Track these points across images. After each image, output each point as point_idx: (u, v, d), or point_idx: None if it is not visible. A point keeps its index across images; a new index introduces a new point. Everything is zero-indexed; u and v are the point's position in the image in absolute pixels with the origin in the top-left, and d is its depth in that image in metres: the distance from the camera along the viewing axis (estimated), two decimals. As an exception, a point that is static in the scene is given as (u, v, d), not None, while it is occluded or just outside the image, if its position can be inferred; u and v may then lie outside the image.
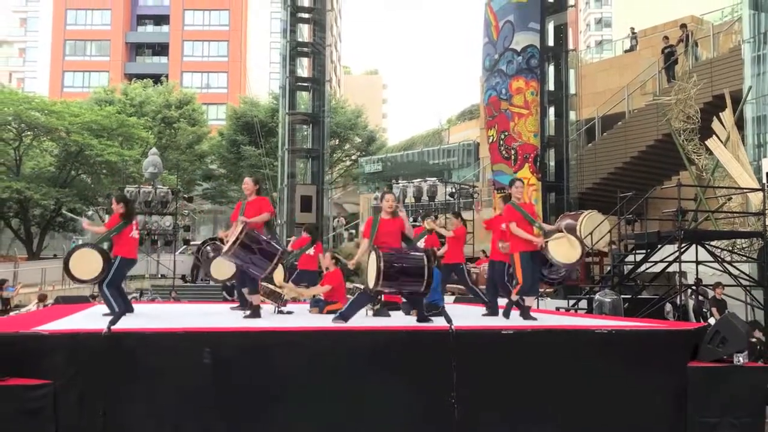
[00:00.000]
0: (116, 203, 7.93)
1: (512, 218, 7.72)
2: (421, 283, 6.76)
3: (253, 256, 7.30)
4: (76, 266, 7.61)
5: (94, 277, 7.63)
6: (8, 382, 5.01)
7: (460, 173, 32.64)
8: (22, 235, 35.03)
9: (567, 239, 7.64)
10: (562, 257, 7.56)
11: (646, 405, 6.03)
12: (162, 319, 7.02)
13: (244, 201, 7.93)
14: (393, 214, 7.31)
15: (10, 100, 32.57)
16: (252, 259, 7.32)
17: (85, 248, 7.80)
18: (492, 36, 19.30)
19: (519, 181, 8.12)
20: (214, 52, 62.18)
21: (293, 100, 25.19)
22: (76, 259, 7.61)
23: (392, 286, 6.81)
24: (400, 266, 6.73)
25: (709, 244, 13.24)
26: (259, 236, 7.36)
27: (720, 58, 18.84)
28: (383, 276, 6.56)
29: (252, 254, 7.29)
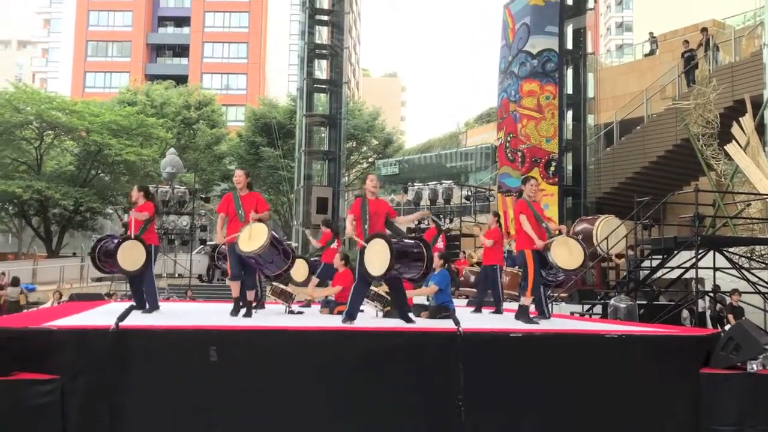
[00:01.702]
0: (137, 192, 8.05)
1: (523, 211, 7.65)
2: (420, 269, 6.79)
3: (276, 255, 7.28)
4: (124, 258, 7.56)
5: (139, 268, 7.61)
6: (17, 377, 5.05)
7: (477, 176, 32.53)
8: (42, 234, 35.45)
9: (567, 245, 7.53)
10: (564, 263, 7.45)
11: (657, 411, 5.95)
12: (173, 316, 7.03)
13: (236, 193, 7.70)
14: (376, 196, 7.34)
15: (32, 99, 33.02)
16: (274, 258, 7.29)
17: (131, 241, 7.66)
18: (509, 38, 19.25)
19: (533, 179, 8.06)
20: (234, 54, 62.59)
21: (311, 102, 25.26)
22: (124, 251, 7.57)
23: (399, 269, 6.79)
24: (404, 251, 6.74)
25: (726, 250, 13.07)
26: (278, 235, 7.42)
27: (741, 62, 18.61)
28: (396, 257, 6.54)
29: (276, 253, 7.27)
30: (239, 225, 7.36)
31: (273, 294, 8.81)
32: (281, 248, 7.33)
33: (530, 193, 7.80)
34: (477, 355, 5.73)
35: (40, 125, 33.57)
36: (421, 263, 6.87)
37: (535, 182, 8.00)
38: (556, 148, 18.81)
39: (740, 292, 13.14)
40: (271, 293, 8.89)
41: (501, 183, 19.93)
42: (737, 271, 12.96)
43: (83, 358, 5.18)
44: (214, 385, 5.35)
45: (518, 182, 18.69)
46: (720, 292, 13.74)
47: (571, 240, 7.75)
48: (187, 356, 5.37)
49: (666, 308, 13.00)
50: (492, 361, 5.79)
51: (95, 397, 5.14)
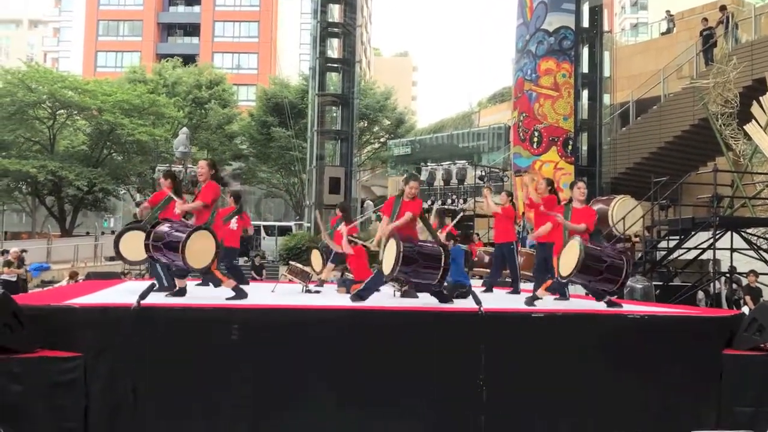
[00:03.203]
0: (164, 179, 7.66)
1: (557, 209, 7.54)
2: (436, 276, 6.56)
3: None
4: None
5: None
6: (40, 354, 5.07)
7: (490, 156, 32.32)
8: (56, 213, 35.66)
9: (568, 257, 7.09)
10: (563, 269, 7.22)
11: (680, 392, 5.91)
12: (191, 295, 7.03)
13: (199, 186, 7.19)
14: (413, 198, 7.16)
15: (44, 79, 33.06)
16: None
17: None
18: (526, 17, 18.98)
19: (581, 182, 7.78)
20: (245, 33, 62.27)
21: (323, 82, 25.11)
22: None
23: (408, 274, 6.62)
24: (418, 254, 6.54)
25: (744, 231, 12.96)
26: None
27: (761, 40, 18.32)
28: (401, 262, 6.40)
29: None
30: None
31: (290, 273, 8.81)
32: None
33: (580, 198, 7.48)
34: (498, 335, 5.70)
35: (52, 104, 33.65)
36: (436, 272, 6.59)
37: (582, 185, 7.62)
38: (573, 126, 18.63)
39: (757, 273, 13.04)
40: (288, 272, 8.88)
41: (513, 163, 19.80)
42: (755, 251, 12.86)
43: (106, 335, 5.20)
44: (235, 361, 5.36)
45: (528, 162, 18.67)
46: (737, 273, 13.64)
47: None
48: (209, 334, 5.38)
49: (681, 289, 12.95)
50: (513, 341, 5.76)
51: (118, 374, 5.16)
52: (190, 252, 6.19)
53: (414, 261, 6.50)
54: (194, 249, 6.23)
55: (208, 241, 6.43)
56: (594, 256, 6.63)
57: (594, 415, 5.63)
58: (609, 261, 6.66)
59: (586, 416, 5.64)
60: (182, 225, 6.55)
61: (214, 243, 6.50)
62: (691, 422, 5.41)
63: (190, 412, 5.25)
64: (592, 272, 6.62)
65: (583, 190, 7.53)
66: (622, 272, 6.64)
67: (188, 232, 6.25)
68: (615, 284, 6.70)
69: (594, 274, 6.65)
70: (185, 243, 6.16)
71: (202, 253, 6.35)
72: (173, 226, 6.48)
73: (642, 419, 5.67)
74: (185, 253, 6.15)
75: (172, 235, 6.33)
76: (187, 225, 6.57)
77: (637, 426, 4.88)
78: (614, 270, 6.63)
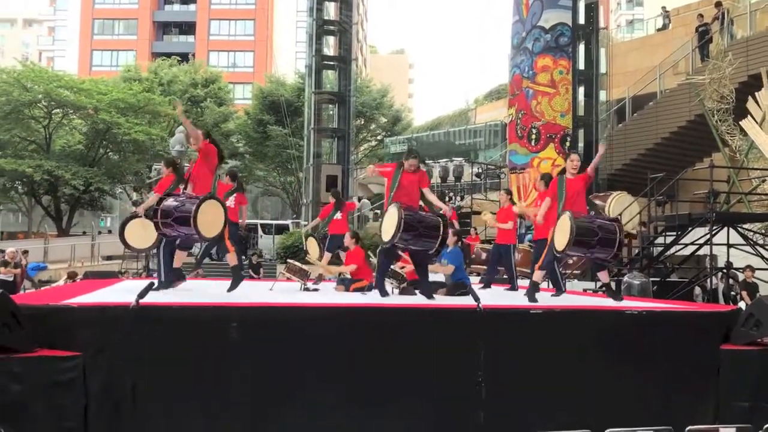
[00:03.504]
0: (165, 167, 7.76)
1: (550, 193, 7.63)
2: (435, 244, 6.80)
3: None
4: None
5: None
6: (39, 353, 5.07)
7: (486, 154, 32.37)
8: (52, 213, 35.57)
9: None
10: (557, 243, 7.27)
11: (677, 387, 5.93)
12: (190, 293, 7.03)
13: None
14: (415, 171, 7.30)
15: (39, 78, 32.95)
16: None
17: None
18: (522, 14, 18.99)
19: (575, 155, 7.92)
20: (241, 31, 62.15)
21: (319, 79, 25.09)
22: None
23: (408, 241, 6.79)
24: (418, 222, 6.76)
25: (741, 226, 13.00)
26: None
27: (756, 36, 18.36)
28: (402, 228, 6.56)
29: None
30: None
31: (289, 271, 8.81)
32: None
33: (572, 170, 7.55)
34: (497, 332, 5.72)
35: (48, 104, 33.53)
36: (434, 240, 6.86)
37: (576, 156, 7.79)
38: (570, 122, 18.65)
39: (754, 269, 13.09)
40: (287, 271, 8.89)
41: (509, 160, 19.83)
42: (752, 247, 12.90)
43: (105, 334, 5.19)
44: (234, 360, 5.36)
45: (525, 159, 18.69)
46: (733, 268, 13.68)
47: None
48: (208, 333, 5.37)
49: (678, 285, 12.99)
50: (512, 338, 5.78)
51: (117, 373, 5.15)
52: (201, 222, 6.26)
53: (414, 228, 6.70)
54: (205, 219, 6.31)
55: (217, 209, 6.53)
56: (585, 228, 6.87)
57: (592, 411, 5.64)
58: (601, 233, 6.90)
59: (584, 411, 5.65)
60: (188, 198, 6.59)
61: (223, 211, 6.59)
62: (689, 417, 5.42)
63: (189, 411, 5.25)
64: (585, 245, 6.88)
65: (576, 162, 7.67)
66: (616, 240, 6.89)
67: (197, 203, 6.29)
68: (610, 252, 6.95)
69: (588, 246, 6.91)
70: (196, 214, 6.21)
71: (213, 222, 6.44)
72: (179, 200, 6.54)
73: (640, 414, 5.68)
74: (198, 224, 6.20)
75: (180, 209, 6.39)
76: (193, 197, 6.60)
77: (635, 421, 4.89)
78: (607, 240, 6.89)
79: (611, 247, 6.91)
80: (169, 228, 6.50)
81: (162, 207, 6.49)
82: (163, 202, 6.55)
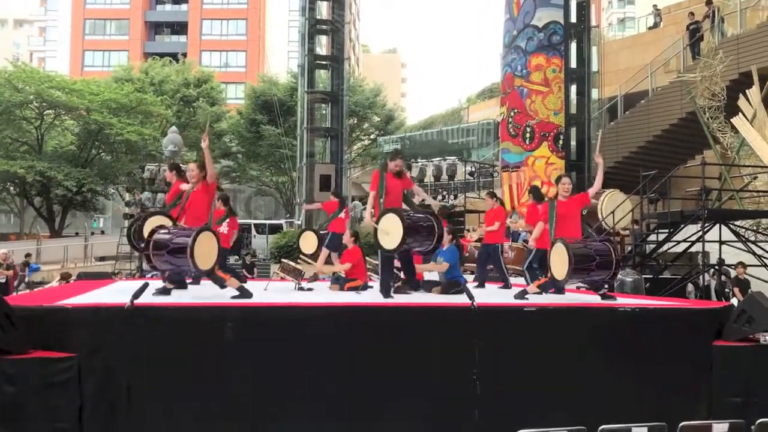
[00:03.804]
0: (170, 172, 7.64)
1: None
2: (431, 242, 6.99)
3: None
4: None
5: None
6: (34, 354, 5.06)
7: (479, 152, 32.42)
8: (45, 214, 35.43)
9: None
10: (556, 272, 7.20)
11: (670, 383, 5.97)
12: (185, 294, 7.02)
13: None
14: (398, 174, 7.36)
15: (31, 79, 32.80)
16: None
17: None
18: (512, 12, 19.01)
19: (567, 178, 7.83)
20: (233, 31, 62.03)
21: (312, 79, 25.01)
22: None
23: (410, 244, 6.93)
24: (416, 227, 6.89)
25: (733, 223, 13.06)
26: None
27: (747, 34, 18.43)
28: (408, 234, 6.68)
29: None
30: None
31: (283, 271, 8.81)
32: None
33: (564, 193, 7.57)
34: (491, 330, 5.74)
35: (40, 104, 33.40)
36: (432, 237, 7.03)
37: (567, 180, 7.72)
38: (563, 121, 18.70)
39: (745, 265, 13.15)
40: (281, 270, 8.89)
41: (502, 159, 19.85)
42: (743, 244, 12.96)
43: (99, 335, 5.20)
44: (229, 359, 5.37)
45: (518, 158, 18.72)
46: (725, 265, 13.75)
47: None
48: (202, 333, 5.39)
49: (671, 282, 13.04)
50: (506, 335, 5.81)
51: (111, 374, 5.16)
52: (197, 254, 6.17)
53: (417, 231, 6.87)
54: (200, 251, 6.24)
55: (211, 242, 6.47)
56: (583, 255, 6.88)
57: (586, 407, 5.67)
58: (598, 258, 6.92)
59: (578, 408, 5.68)
60: (181, 230, 6.55)
61: (217, 244, 6.54)
62: (682, 413, 5.45)
63: (184, 411, 5.27)
64: (584, 270, 6.89)
65: (567, 186, 7.64)
66: (612, 262, 7.00)
67: (193, 235, 6.23)
68: (608, 274, 7.02)
69: (587, 271, 6.92)
70: (193, 246, 6.14)
71: (207, 255, 6.37)
72: (173, 232, 6.47)
73: (633, 410, 5.71)
74: (194, 256, 6.13)
75: (175, 241, 6.30)
76: (186, 229, 6.56)
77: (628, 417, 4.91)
78: (605, 263, 6.93)
79: (608, 269, 7.00)
80: (159, 259, 6.37)
81: (155, 238, 6.39)
82: (155, 234, 6.46)
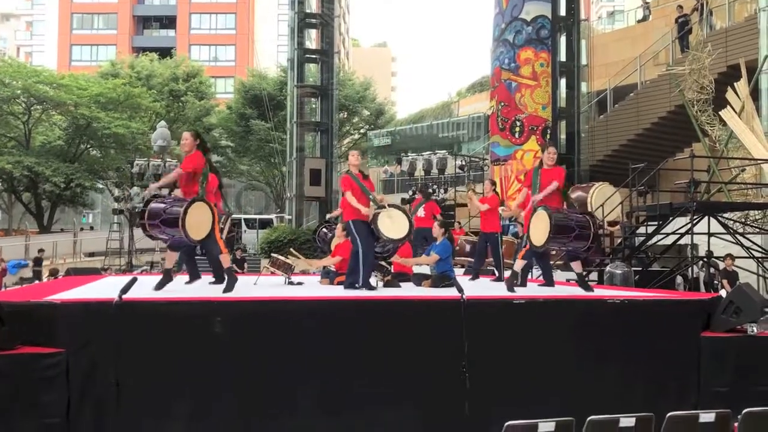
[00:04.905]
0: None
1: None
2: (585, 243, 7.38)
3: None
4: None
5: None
6: (21, 350, 5.03)
7: (470, 146, 32.43)
8: (33, 209, 35.20)
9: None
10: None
11: (659, 374, 6.01)
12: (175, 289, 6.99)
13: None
14: (363, 173, 7.57)
15: (18, 73, 32.54)
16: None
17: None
18: (502, 5, 19.03)
19: (552, 147, 8.05)
20: (222, 25, 61.76)
21: (302, 73, 24.99)
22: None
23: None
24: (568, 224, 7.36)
25: (721, 215, 13.14)
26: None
27: (735, 27, 18.52)
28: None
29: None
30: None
31: (273, 266, 8.80)
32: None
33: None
34: (480, 322, 5.75)
35: (27, 100, 33.13)
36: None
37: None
38: (550, 114, 18.77)
39: (734, 257, 13.24)
40: (271, 265, 8.87)
41: (492, 152, 19.89)
42: (732, 236, 13.04)
43: (88, 330, 5.17)
44: (218, 355, 5.36)
45: (507, 151, 18.77)
46: (714, 257, 13.83)
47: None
48: (192, 328, 5.37)
49: (660, 274, 13.12)
50: (495, 328, 5.82)
51: (100, 369, 5.13)
52: (189, 224, 6.23)
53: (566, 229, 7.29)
54: (192, 221, 6.29)
55: (204, 211, 6.50)
56: (563, 225, 7.16)
57: (575, 398, 5.70)
58: (577, 229, 7.21)
59: (567, 399, 5.70)
60: (176, 200, 6.58)
61: (211, 212, 6.57)
62: (671, 403, 5.49)
63: (174, 406, 5.25)
64: (563, 238, 7.18)
65: (553, 155, 7.84)
66: (590, 234, 7.25)
67: (184, 205, 6.28)
68: (584, 245, 7.27)
69: (565, 239, 7.21)
70: (184, 216, 6.19)
71: (201, 224, 6.43)
72: (167, 202, 6.52)
73: (621, 401, 5.75)
74: (185, 226, 6.19)
75: (168, 210, 6.36)
76: (181, 199, 6.58)
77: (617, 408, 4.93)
78: (582, 235, 7.22)
79: (585, 240, 7.22)
80: (156, 229, 6.44)
81: (150, 208, 6.43)
82: (150, 203, 6.49)
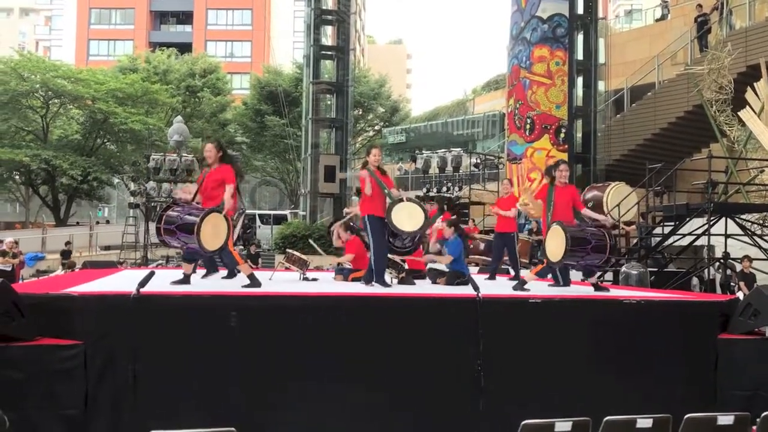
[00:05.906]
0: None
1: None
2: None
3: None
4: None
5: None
6: (40, 342, 5.08)
7: (484, 144, 32.37)
8: (50, 203, 35.51)
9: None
10: (551, 255, 7.34)
11: (675, 376, 5.97)
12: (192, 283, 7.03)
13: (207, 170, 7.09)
14: (381, 169, 7.49)
15: (37, 68, 32.85)
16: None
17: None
18: (521, 4, 18.95)
19: (564, 164, 7.84)
20: (239, 21, 61.92)
21: (317, 69, 25.01)
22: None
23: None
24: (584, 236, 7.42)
25: (739, 217, 13.03)
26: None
27: (755, 26, 18.31)
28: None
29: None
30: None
31: (288, 261, 8.82)
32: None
33: (562, 180, 7.61)
34: (496, 321, 5.74)
35: (45, 94, 33.44)
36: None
37: (565, 166, 7.74)
38: (565, 114, 18.66)
39: (751, 259, 13.12)
40: (286, 260, 8.90)
41: (509, 151, 19.83)
42: (749, 237, 12.93)
43: (106, 323, 5.21)
44: (235, 349, 5.38)
45: (522, 149, 18.69)
46: (731, 258, 13.72)
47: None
48: (209, 321, 5.39)
49: (676, 275, 13.02)
50: (511, 327, 5.80)
51: (118, 361, 5.17)
52: (204, 233, 6.28)
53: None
54: (207, 231, 6.33)
55: (220, 222, 6.52)
56: (579, 238, 7.09)
57: (591, 399, 5.67)
58: (594, 241, 7.16)
59: (583, 400, 5.68)
60: (193, 208, 6.63)
61: (226, 224, 6.59)
62: (687, 406, 5.45)
63: (190, 398, 5.28)
64: (579, 251, 7.10)
65: (565, 172, 7.70)
66: (606, 246, 7.18)
67: (201, 215, 6.32)
68: (602, 258, 7.22)
69: (581, 254, 7.14)
70: (200, 225, 6.23)
71: (215, 235, 6.45)
72: (185, 210, 6.56)
73: (638, 403, 5.72)
74: (200, 235, 6.23)
75: (184, 218, 6.41)
76: (198, 208, 6.64)
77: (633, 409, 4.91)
78: (599, 247, 7.16)
79: (603, 253, 7.18)
80: (171, 235, 6.47)
81: (167, 213, 6.50)
82: (168, 209, 6.56)
